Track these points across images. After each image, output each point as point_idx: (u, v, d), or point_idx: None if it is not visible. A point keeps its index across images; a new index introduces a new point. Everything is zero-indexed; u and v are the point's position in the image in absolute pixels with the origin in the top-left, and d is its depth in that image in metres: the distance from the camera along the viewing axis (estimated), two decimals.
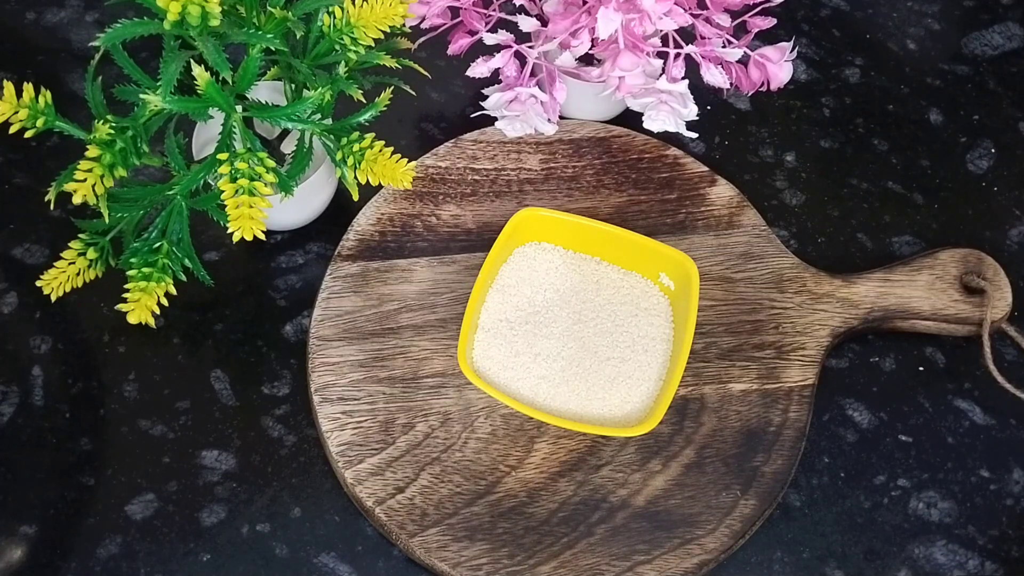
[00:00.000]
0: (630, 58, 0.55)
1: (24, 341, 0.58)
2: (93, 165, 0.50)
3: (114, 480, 0.55)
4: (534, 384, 0.55)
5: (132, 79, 0.52)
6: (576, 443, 0.55)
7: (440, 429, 0.55)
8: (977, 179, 0.64)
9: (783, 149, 0.65)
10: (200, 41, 0.47)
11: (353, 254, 0.59)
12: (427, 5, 0.57)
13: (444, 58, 0.61)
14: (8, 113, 0.50)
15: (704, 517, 0.53)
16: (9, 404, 0.57)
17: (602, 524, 0.53)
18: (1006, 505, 0.55)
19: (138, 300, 0.54)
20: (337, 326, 0.57)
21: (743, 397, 0.56)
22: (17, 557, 0.53)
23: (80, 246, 0.56)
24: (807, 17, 0.70)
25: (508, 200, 0.61)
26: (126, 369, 0.58)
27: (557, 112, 0.60)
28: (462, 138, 0.63)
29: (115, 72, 0.52)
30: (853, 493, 0.55)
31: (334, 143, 0.53)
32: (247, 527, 0.54)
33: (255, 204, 0.49)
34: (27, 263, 0.61)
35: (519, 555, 0.52)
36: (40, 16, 0.69)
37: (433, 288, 0.58)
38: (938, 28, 0.70)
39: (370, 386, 0.56)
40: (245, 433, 0.56)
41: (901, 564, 0.54)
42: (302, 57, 0.54)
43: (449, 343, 0.57)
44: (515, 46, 0.57)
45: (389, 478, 0.53)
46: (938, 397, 0.58)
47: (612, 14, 0.52)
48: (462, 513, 0.53)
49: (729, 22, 0.57)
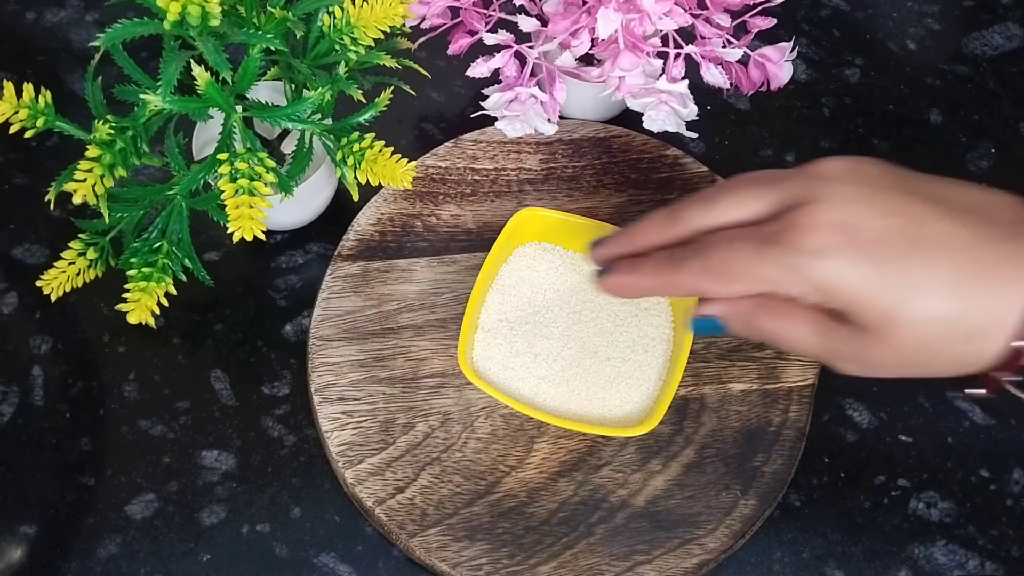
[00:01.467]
0: (630, 58, 0.55)
1: (24, 341, 0.58)
2: (93, 165, 0.50)
3: (114, 480, 0.55)
4: (534, 384, 0.55)
5: (132, 79, 0.52)
6: (576, 443, 0.55)
7: (440, 429, 0.55)
8: (977, 179, 0.64)
9: (783, 149, 0.65)
10: (200, 41, 0.47)
11: (353, 254, 0.59)
12: (427, 5, 0.57)
13: (444, 58, 0.61)
14: (8, 113, 0.50)
15: (704, 517, 0.53)
16: (9, 404, 0.57)
17: (602, 524, 0.53)
18: (1006, 505, 0.55)
19: (138, 300, 0.54)
20: (337, 326, 0.57)
21: (743, 397, 0.56)
22: (17, 557, 0.53)
23: (80, 246, 0.56)
24: (807, 17, 0.70)
25: (508, 200, 0.61)
26: (126, 369, 0.58)
27: (557, 112, 0.60)
28: (462, 138, 0.63)
29: (115, 72, 0.52)
30: (853, 493, 0.55)
31: (334, 143, 0.53)
32: (247, 527, 0.54)
33: (255, 204, 0.49)
34: (27, 263, 0.61)
35: (519, 555, 0.52)
36: (40, 16, 0.69)
37: (433, 288, 0.58)
38: (938, 28, 0.70)
39: (370, 386, 0.56)
40: (245, 433, 0.56)
41: (901, 564, 0.54)
42: (302, 57, 0.54)
43: (449, 343, 0.57)
44: (515, 46, 0.57)
45: (389, 478, 0.53)
46: (938, 397, 0.58)
47: (612, 14, 0.52)
48: (462, 513, 0.53)
49: (729, 22, 0.57)
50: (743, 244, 0.42)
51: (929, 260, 0.40)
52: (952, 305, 0.40)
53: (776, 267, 0.41)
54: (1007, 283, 0.40)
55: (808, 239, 0.40)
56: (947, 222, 0.41)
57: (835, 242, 0.40)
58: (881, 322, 0.40)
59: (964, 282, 0.40)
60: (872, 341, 0.41)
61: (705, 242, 0.43)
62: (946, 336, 0.40)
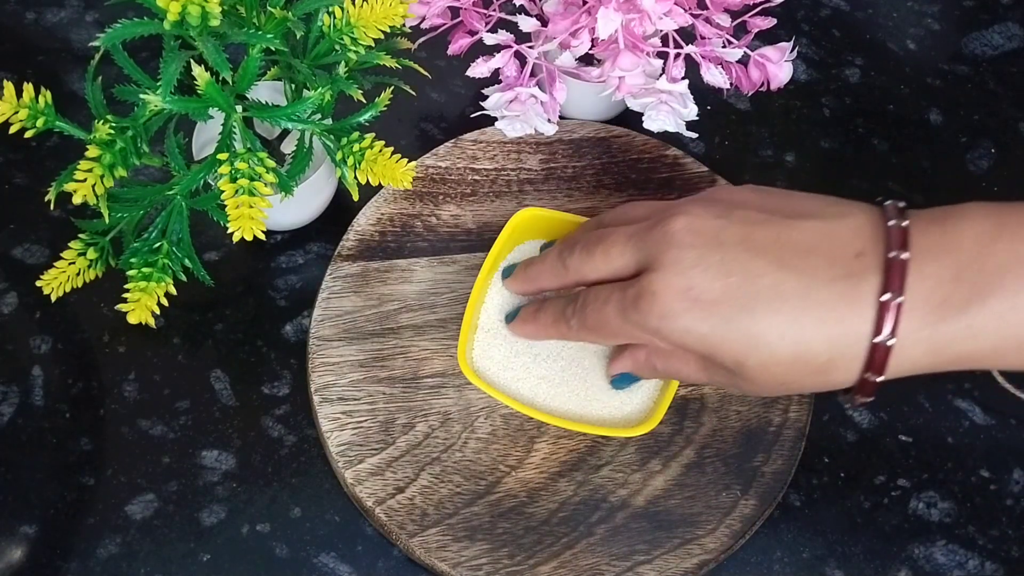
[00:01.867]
0: (630, 58, 0.55)
1: (24, 341, 0.58)
2: (93, 165, 0.50)
3: (114, 480, 0.55)
4: (534, 384, 0.55)
5: (132, 79, 0.52)
6: (576, 443, 0.55)
7: (440, 429, 0.55)
8: (977, 179, 0.64)
9: (783, 149, 0.65)
10: (200, 41, 0.47)
11: (353, 254, 0.59)
12: (427, 5, 0.57)
13: (444, 58, 0.61)
14: (8, 113, 0.50)
15: (704, 517, 0.53)
16: (9, 404, 0.57)
17: (602, 524, 0.53)
18: (1006, 505, 0.55)
19: (138, 300, 0.54)
20: (337, 326, 0.57)
21: (743, 397, 0.56)
22: (17, 557, 0.53)
23: (80, 246, 0.56)
24: (807, 17, 0.70)
25: (508, 200, 0.61)
26: (126, 369, 0.58)
27: (557, 112, 0.60)
28: (462, 138, 0.63)
29: (115, 72, 0.52)
30: (853, 493, 0.55)
31: (334, 143, 0.53)
32: (247, 527, 0.54)
33: (255, 204, 0.49)
34: (27, 263, 0.61)
35: (519, 555, 0.52)
36: (40, 16, 0.69)
37: (433, 288, 0.58)
38: (938, 28, 0.70)
39: (370, 386, 0.56)
40: (245, 433, 0.56)
41: (901, 564, 0.54)
42: (302, 57, 0.54)
43: (449, 343, 0.57)
44: (515, 46, 0.57)
45: (389, 478, 0.53)
46: (938, 397, 0.58)
47: (612, 14, 0.52)
48: (462, 513, 0.53)
49: (729, 22, 0.57)
50: (611, 308, 0.48)
51: (766, 311, 0.44)
52: (793, 348, 0.44)
53: (639, 328, 0.47)
54: (846, 321, 0.43)
55: (656, 305, 0.45)
56: (782, 273, 0.44)
57: (680, 307, 0.45)
58: (735, 365, 0.45)
59: (806, 324, 0.44)
60: (739, 377, 0.46)
61: (585, 301, 0.49)
62: (799, 372, 0.45)
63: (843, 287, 0.43)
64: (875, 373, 0.44)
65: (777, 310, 0.44)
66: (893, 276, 0.43)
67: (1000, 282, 0.42)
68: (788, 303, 0.44)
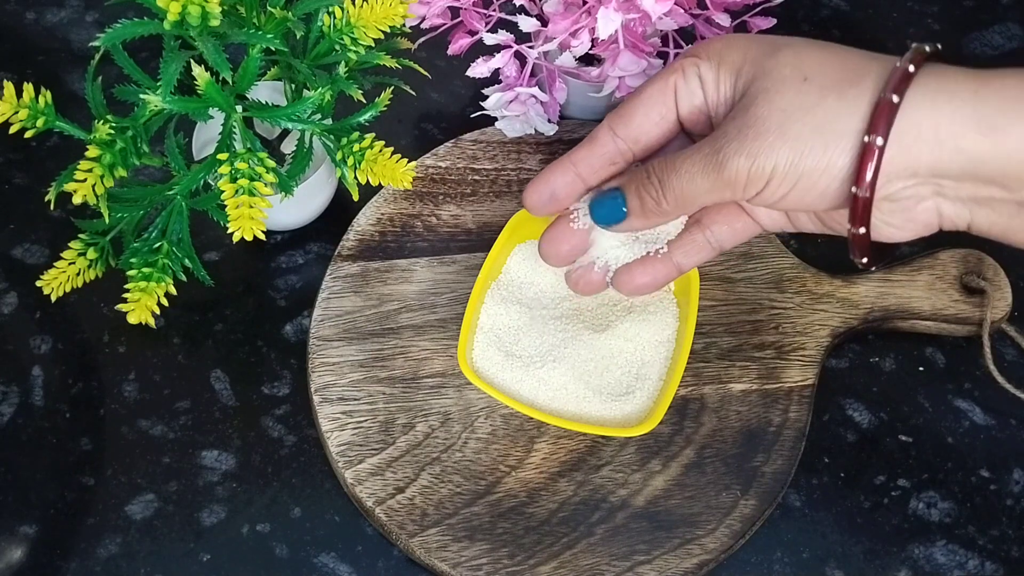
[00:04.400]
0: (630, 58, 0.55)
1: (24, 341, 0.58)
2: (93, 165, 0.50)
3: (114, 480, 0.55)
4: (534, 384, 0.55)
5: (132, 79, 0.52)
6: (576, 443, 0.55)
7: (440, 429, 0.55)
8: None
9: None
10: (200, 41, 0.47)
11: (353, 254, 0.59)
12: (427, 5, 0.57)
13: (444, 58, 0.61)
14: (8, 113, 0.50)
15: (704, 517, 0.53)
16: (9, 404, 0.57)
17: (602, 524, 0.53)
18: (1006, 505, 0.55)
19: (138, 300, 0.54)
20: (337, 326, 0.57)
21: (743, 397, 0.56)
22: (17, 557, 0.53)
23: (80, 246, 0.56)
24: (807, 17, 0.70)
25: (508, 200, 0.61)
26: (126, 369, 0.58)
27: (557, 112, 0.60)
28: (462, 138, 0.63)
29: (115, 72, 0.52)
30: (853, 493, 0.55)
31: (334, 143, 0.53)
32: (247, 527, 0.54)
33: (255, 204, 0.49)
34: (27, 263, 0.61)
35: (519, 555, 0.52)
36: (40, 16, 0.69)
37: (433, 288, 0.58)
38: (938, 28, 0.70)
39: (370, 386, 0.56)
40: (245, 433, 0.56)
41: (901, 564, 0.54)
42: (302, 57, 0.54)
43: (449, 343, 0.57)
44: (515, 46, 0.57)
45: (389, 478, 0.53)
46: (938, 397, 0.58)
47: (612, 14, 0.52)
48: (462, 513, 0.53)
49: (729, 22, 0.57)
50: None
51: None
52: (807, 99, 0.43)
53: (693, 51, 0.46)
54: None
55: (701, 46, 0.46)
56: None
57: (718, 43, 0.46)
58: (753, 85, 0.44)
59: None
60: (746, 119, 0.44)
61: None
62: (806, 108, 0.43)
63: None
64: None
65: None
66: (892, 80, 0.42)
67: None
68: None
